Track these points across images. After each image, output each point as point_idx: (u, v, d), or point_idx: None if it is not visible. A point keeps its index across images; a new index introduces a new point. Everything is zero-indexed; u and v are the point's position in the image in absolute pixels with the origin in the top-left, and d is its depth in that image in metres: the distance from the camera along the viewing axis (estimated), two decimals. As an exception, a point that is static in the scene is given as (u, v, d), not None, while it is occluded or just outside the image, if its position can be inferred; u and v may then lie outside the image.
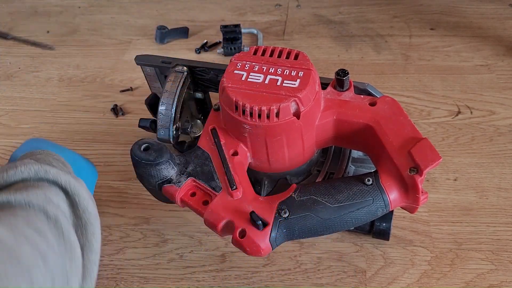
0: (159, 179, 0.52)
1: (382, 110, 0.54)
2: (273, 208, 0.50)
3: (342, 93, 0.56)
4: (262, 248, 0.48)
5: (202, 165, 0.54)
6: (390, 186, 0.51)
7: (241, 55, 0.56)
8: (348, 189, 0.52)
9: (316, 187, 0.53)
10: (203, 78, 0.68)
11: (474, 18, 1.05)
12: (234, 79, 0.53)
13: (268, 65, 0.54)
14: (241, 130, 0.53)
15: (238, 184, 0.52)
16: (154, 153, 0.51)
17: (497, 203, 0.69)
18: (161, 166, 0.51)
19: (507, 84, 0.88)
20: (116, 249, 0.67)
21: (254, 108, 0.50)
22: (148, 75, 0.72)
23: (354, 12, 1.11)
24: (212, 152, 0.55)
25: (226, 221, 0.50)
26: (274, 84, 0.52)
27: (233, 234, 0.49)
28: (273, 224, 0.49)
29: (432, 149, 0.50)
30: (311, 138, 0.56)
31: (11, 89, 0.97)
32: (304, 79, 0.52)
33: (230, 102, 0.51)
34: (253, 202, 0.51)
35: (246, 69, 0.54)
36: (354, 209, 0.51)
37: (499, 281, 0.60)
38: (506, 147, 0.77)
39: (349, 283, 0.62)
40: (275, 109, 0.50)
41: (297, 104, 0.51)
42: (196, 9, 1.17)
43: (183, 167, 0.54)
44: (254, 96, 0.51)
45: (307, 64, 0.54)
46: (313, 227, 0.50)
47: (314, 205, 0.51)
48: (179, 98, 0.64)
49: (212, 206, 0.51)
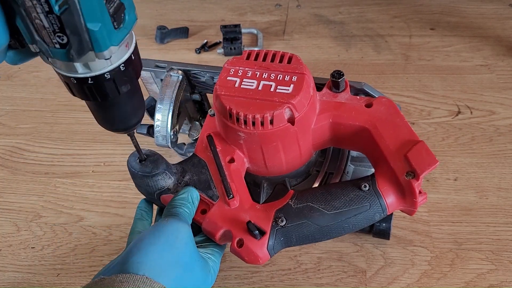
0: (156, 189, 0.52)
1: (378, 111, 0.54)
2: (270, 217, 0.50)
3: (338, 95, 0.56)
4: (260, 257, 0.49)
5: (199, 173, 0.54)
6: (387, 191, 0.51)
7: (234, 61, 0.55)
8: (345, 195, 0.51)
9: (313, 194, 0.52)
10: (199, 80, 0.67)
11: (474, 18, 1.05)
12: (228, 86, 0.52)
13: (261, 70, 0.53)
14: (236, 137, 0.53)
15: (235, 192, 0.51)
16: (150, 165, 0.51)
17: (497, 203, 0.69)
18: (158, 177, 0.51)
19: (507, 84, 0.88)
20: (116, 249, 0.67)
21: (248, 116, 0.49)
22: (144, 79, 0.72)
23: (354, 12, 1.11)
24: (209, 159, 0.55)
25: (224, 230, 0.50)
26: (268, 90, 0.51)
27: (231, 243, 0.49)
28: (270, 233, 0.49)
29: (428, 153, 0.49)
30: (307, 142, 0.55)
31: (11, 89, 0.97)
32: (298, 84, 0.51)
33: (224, 110, 0.51)
34: (250, 211, 0.51)
35: (239, 75, 0.53)
36: (351, 215, 0.51)
37: (499, 281, 0.60)
38: (506, 147, 0.77)
39: (349, 283, 0.62)
40: (269, 116, 0.49)
41: (291, 110, 0.50)
42: (196, 9, 1.17)
43: (180, 176, 0.54)
44: (247, 103, 0.50)
45: (301, 68, 0.53)
46: (311, 234, 0.50)
47: (311, 212, 0.50)
48: (175, 103, 0.63)
49: (209, 215, 0.51)
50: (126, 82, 0.38)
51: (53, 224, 0.72)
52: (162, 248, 0.44)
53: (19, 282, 0.65)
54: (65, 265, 0.67)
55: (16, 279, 0.66)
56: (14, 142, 0.85)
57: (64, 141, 0.85)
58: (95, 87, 0.36)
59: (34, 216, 0.73)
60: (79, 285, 0.64)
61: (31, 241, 0.70)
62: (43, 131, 0.87)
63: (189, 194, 0.51)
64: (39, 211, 0.74)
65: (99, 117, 0.42)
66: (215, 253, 0.51)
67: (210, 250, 0.51)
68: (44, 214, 0.73)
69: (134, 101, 0.41)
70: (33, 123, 0.89)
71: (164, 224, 0.46)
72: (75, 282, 0.64)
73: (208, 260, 0.49)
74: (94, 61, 0.34)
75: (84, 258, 0.67)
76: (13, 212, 0.74)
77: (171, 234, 0.45)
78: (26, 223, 0.72)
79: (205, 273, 0.48)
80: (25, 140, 0.86)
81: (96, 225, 0.71)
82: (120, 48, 0.35)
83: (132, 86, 0.39)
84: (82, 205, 0.74)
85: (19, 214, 0.74)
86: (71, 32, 0.31)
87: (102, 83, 0.36)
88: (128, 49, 0.36)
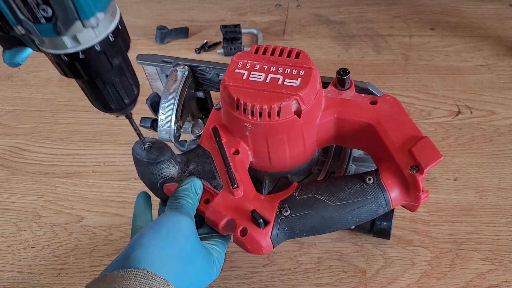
0: (160, 178, 0.52)
1: (383, 109, 0.54)
2: (274, 207, 0.50)
3: (343, 92, 0.57)
4: (264, 246, 0.49)
5: (204, 163, 0.54)
6: (391, 185, 0.51)
7: (242, 54, 0.56)
8: (349, 188, 0.52)
9: (317, 186, 0.53)
10: (204, 77, 0.68)
11: (474, 18, 1.05)
12: (235, 78, 0.53)
13: (269, 64, 0.54)
14: (242, 128, 0.53)
15: (240, 182, 0.52)
16: (155, 152, 0.51)
17: (497, 203, 0.69)
18: (163, 165, 0.51)
19: (507, 84, 0.88)
20: (116, 249, 0.67)
21: (255, 107, 0.50)
22: (149, 74, 0.72)
23: (354, 12, 1.11)
24: (214, 150, 0.55)
25: (228, 219, 0.50)
26: (275, 82, 0.52)
27: (235, 232, 0.49)
28: (274, 222, 0.49)
29: (433, 148, 0.50)
30: (312, 137, 0.56)
31: (11, 89, 0.97)
32: (305, 77, 0.52)
33: (231, 101, 0.51)
34: (254, 201, 0.51)
35: (247, 68, 0.54)
36: (355, 208, 0.51)
37: (499, 281, 0.60)
38: (506, 147, 0.77)
39: (349, 283, 0.62)
40: (276, 107, 0.50)
41: (298, 103, 0.51)
42: (196, 9, 1.17)
43: (184, 166, 0.54)
44: (255, 94, 0.51)
45: (308, 63, 0.54)
46: (314, 225, 0.50)
47: (315, 203, 0.51)
48: (180, 97, 0.64)
49: (213, 204, 0.51)
50: (117, 54, 0.37)
51: (53, 224, 0.72)
52: (164, 243, 0.44)
53: (19, 282, 0.65)
54: (65, 265, 0.67)
55: (16, 279, 0.66)
56: (14, 142, 0.85)
57: (64, 141, 0.85)
58: (87, 62, 0.36)
59: (34, 216, 0.73)
60: (79, 285, 0.64)
61: (31, 241, 0.70)
62: (43, 131, 0.87)
63: (192, 184, 0.51)
64: (39, 211, 0.74)
65: (93, 97, 0.41)
66: (219, 243, 0.51)
67: (214, 241, 0.51)
68: (44, 214, 0.73)
69: (127, 77, 0.41)
70: (33, 123, 0.89)
71: (165, 218, 0.46)
72: (75, 282, 0.64)
73: (212, 250, 0.49)
74: (82, 32, 0.34)
75: (84, 258, 0.67)
76: (13, 212, 0.74)
77: (173, 227, 0.45)
78: (26, 223, 0.72)
79: (209, 265, 0.48)
80: (25, 140, 0.86)
81: (96, 225, 0.71)
82: (106, 16, 0.35)
83: (123, 58, 0.38)
84: (82, 205, 0.74)
85: (19, 214, 0.74)
86: (54, 2, 0.31)
87: (94, 57, 0.36)
88: (114, 18, 0.36)
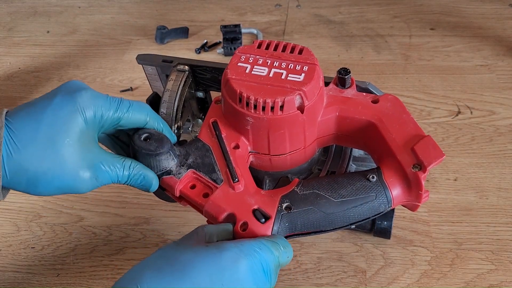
0: (158, 170, 0.52)
1: (385, 107, 0.54)
2: (276, 202, 0.50)
3: (344, 90, 0.56)
4: None
5: (203, 157, 0.54)
6: (393, 183, 0.51)
7: (245, 48, 0.55)
8: (352, 184, 0.51)
9: (319, 182, 0.52)
10: (204, 77, 0.68)
11: (474, 18, 1.05)
12: (238, 71, 0.53)
13: (273, 58, 0.54)
14: (244, 123, 0.53)
15: (240, 176, 0.51)
16: (154, 143, 0.51)
17: (497, 203, 0.69)
18: (161, 157, 0.51)
19: (507, 84, 0.88)
20: (116, 249, 0.67)
21: (258, 100, 0.50)
22: (149, 75, 0.72)
23: (354, 12, 1.11)
24: (213, 144, 0.55)
25: (228, 213, 0.50)
26: (279, 77, 0.52)
27: (235, 227, 0.49)
28: (275, 218, 0.49)
29: (435, 146, 0.50)
30: (313, 134, 0.55)
31: (11, 89, 0.97)
32: (309, 73, 0.52)
33: (234, 94, 0.51)
34: (255, 195, 0.51)
35: (250, 62, 0.54)
36: (357, 204, 0.51)
37: (499, 281, 0.60)
38: (506, 147, 0.77)
39: (349, 283, 0.62)
40: (280, 101, 0.49)
41: (301, 98, 0.51)
42: (196, 9, 1.17)
43: (183, 159, 0.54)
44: (258, 88, 0.51)
45: (312, 59, 0.54)
46: (316, 221, 0.50)
47: (317, 199, 0.50)
48: (181, 97, 0.64)
49: (213, 198, 0.51)
50: None
51: (53, 224, 0.72)
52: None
53: (19, 282, 0.65)
54: (65, 265, 0.67)
55: (16, 279, 0.65)
56: (14, 142, 0.85)
57: (64, 141, 0.85)
58: None
59: (34, 216, 0.73)
60: (79, 285, 0.64)
61: (31, 241, 0.70)
62: (43, 131, 0.87)
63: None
64: (39, 211, 0.74)
65: None
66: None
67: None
68: (44, 214, 0.73)
69: None
70: (33, 123, 0.89)
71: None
72: (75, 282, 0.64)
73: None
74: None
75: (84, 258, 0.67)
76: (13, 212, 0.74)
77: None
78: (26, 223, 0.72)
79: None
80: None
81: (96, 225, 0.71)
82: None
83: None
84: (82, 205, 0.74)
85: (19, 214, 0.74)
86: None
87: None
88: None
